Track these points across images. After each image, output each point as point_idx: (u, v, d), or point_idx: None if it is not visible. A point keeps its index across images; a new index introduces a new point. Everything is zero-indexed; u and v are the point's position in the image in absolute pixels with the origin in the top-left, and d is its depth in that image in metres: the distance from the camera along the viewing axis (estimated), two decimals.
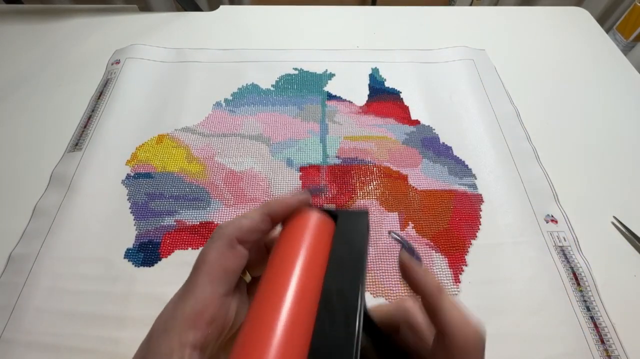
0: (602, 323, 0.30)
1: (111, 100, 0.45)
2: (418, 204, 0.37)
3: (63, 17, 0.57)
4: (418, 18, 0.59)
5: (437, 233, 0.35)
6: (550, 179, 0.39)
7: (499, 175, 0.39)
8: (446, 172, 0.39)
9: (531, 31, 0.58)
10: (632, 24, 0.79)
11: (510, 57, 0.52)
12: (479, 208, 0.37)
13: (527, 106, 0.46)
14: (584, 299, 0.31)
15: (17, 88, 0.47)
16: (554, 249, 0.34)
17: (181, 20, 0.58)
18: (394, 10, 0.60)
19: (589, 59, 0.53)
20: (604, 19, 1.00)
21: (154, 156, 0.40)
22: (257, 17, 0.59)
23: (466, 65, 0.50)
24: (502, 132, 0.43)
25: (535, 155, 0.41)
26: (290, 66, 0.50)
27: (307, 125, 0.43)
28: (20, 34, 0.55)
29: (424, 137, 0.42)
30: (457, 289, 0.32)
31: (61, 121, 0.43)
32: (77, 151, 0.40)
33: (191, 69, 0.49)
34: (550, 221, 0.36)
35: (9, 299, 0.30)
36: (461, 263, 0.33)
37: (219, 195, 0.37)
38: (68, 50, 0.52)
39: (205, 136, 0.42)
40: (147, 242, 0.34)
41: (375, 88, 0.47)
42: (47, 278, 0.31)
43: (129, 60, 0.49)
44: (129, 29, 0.55)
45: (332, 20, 0.58)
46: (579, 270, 0.33)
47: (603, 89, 0.49)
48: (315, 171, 0.39)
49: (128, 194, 0.37)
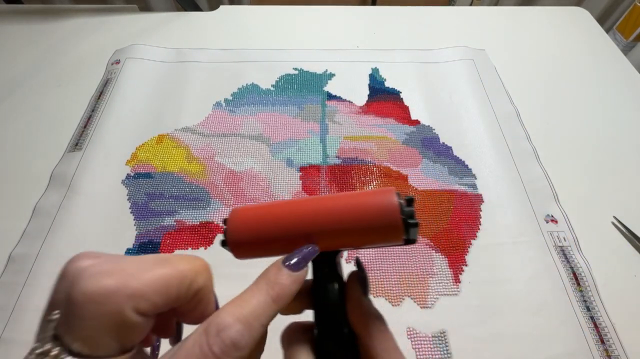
0: (602, 323, 0.30)
1: (111, 100, 0.45)
2: (418, 204, 0.37)
3: (63, 17, 0.57)
4: (418, 18, 0.59)
5: (437, 233, 0.35)
6: (550, 179, 0.39)
7: (499, 175, 0.39)
8: (446, 172, 0.39)
9: (531, 31, 0.58)
10: (632, 24, 0.79)
11: (509, 56, 0.52)
12: (479, 208, 0.37)
13: (526, 106, 0.46)
14: (584, 299, 0.31)
15: (17, 88, 0.47)
16: (554, 249, 0.34)
17: (181, 20, 0.58)
18: (394, 10, 0.60)
19: (589, 59, 0.53)
20: (604, 19, 1.00)
21: (154, 156, 0.40)
22: (257, 17, 0.59)
23: (466, 65, 0.50)
24: (502, 132, 0.43)
25: (535, 155, 0.41)
26: (290, 66, 0.50)
27: (307, 125, 0.43)
28: (20, 34, 0.55)
29: (424, 137, 0.42)
30: (457, 289, 0.32)
31: (61, 120, 0.43)
32: (77, 151, 0.40)
33: (191, 69, 0.49)
34: (550, 221, 0.36)
35: (9, 299, 0.30)
36: (461, 263, 0.33)
37: (219, 195, 0.37)
38: (68, 50, 0.52)
39: (205, 136, 0.42)
40: (147, 242, 0.34)
41: (375, 88, 0.47)
42: (47, 278, 0.31)
43: (129, 60, 0.49)
44: (129, 29, 0.55)
45: (332, 20, 0.58)
46: (579, 270, 0.33)
47: (603, 89, 0.49)
48: (315, 171, 0.39)
49: (128, 194, 0.37)
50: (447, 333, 0.29)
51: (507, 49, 0.54)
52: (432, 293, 0.31)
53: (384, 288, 0.31)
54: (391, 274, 0.32)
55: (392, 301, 0.31)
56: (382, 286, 0.32)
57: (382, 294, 0.31)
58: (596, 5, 0.98)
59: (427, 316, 0.30)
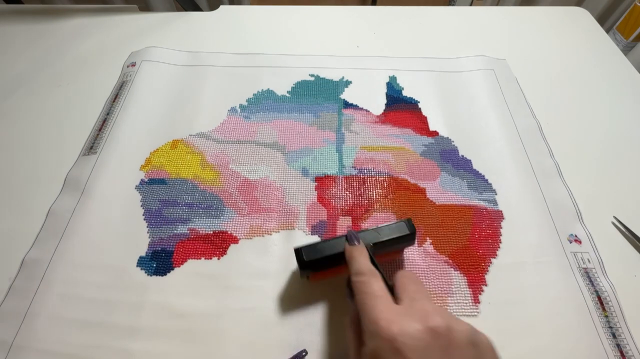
0: (628, 351, 0.29)
1: (127, 103, 0.44)
2: (436, 219, 0.36)
3: (63, 17, 0.57)
4: (418, 18, 0.59)
5: (456, 250, 0.34)
6: (574, 197, 0.37)
7: (520, 190, 0.38)
8: (465, 186, 0.38)
9: (530, 31, 0.57)
10: (632, 24, 0.78)
11: (508, 56, 0.52)
12: (500, 225, 0.35)
13: None
14: (609, 325, 0.30)
15: (17, 89, 0.47)
16: (577, 271, 0.33)
17: (181, 20, 0.58)
18: (394, 10, 0.60)
19: (588, 59, 0.52)
20: (604, 19, 0.98)
21: (168, 161, 0.39)
22: (258, 17, 0.58)
23: (486, 75, 0.49)
24: (524, 146, 0.41)
25: (559, 171, 0.39)
26: (306, 72, 0.49)
27: (323, 134, 0.42)
28: (20, 34, 0.55)
29: (442, 150, 0.41)
30: (476, 310, 0.31)
31: (73, 123, 0.43)
32: (92, 154, 0.40)
33: (206, 73, 0.48)
34: (574, 241, 0.35)
35: (21, 306, 0.30)
36: (481, 283, 0.32)
37: (233, 204, 0.36)
38: (69, 50, 0.52)
39: (220, 142, 0.41)
40: (160, 250, 0.33)
41: (393, 97, 0.46)
42: (60, 284, 0.31)
43: (144, 63, 0.49)
44: (129, 29, 0.56)
45: (331, 20, 0.58)
46: (604, 294, 0.31)
47: (603, 89, 0.48)
48: (331, 182, 0.38)
49: (141, 201, 0.36)
50: None
51: (506, 49, 0.53)
52: (451, 313, 0.30)
53: None
54: None
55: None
56: None
57: None
58: (596, 5, 0.96)
59: None
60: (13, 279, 0.31)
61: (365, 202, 0.37)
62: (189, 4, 0.60)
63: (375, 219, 0.35)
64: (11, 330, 0.29)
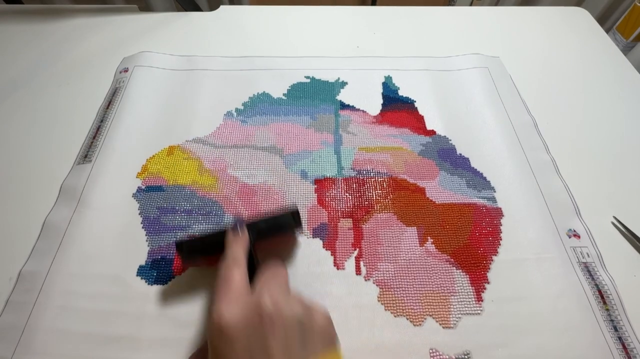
0: (630, 343, 0.29)
1: (120, 110, 0.44)
2: (436, 219, 0.36)
3: (63, 17, 0.56)
4: (418, 18, 0.59)
5: (457, 249, 0.34)
6: (570, 191, 0.38)
7: (518, 187, 0.38)
8: (464, 184, 0.38)
9: (530, 31, 0.57)
10: (632, 24, 0.79)
11: (507, 56, 0.52)
12: (500, 222, 0.36)
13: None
14: (610, 319, 0.30)
15: (16, 89, 0.46)
16: (577, 266, 0.33)
17: (181, 20, 0.57)
18: (394, 10, 0.60)
19: (588, 59, 0.53)
20: (604, 19, 0.99)
21: (165, 168, 0.39)
22: (258, 17, 0.58)
23: (481, 73, 0.49)
24: (520, 142, 0.42)
25: (555, 167, 0.40)
26: (301, 74, 0.49)
27: (321, 136, 0.42)
28: (19, 34, 0.54)
29: (440, 149, 0.41)
30: (480, 308, 0.31)
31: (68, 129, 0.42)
32: (87, 163, 0.39)
33: (201, 78, 0.48)
34: (573, 236, 0.35)
35: (20, 320, 0.29)
36: (483, 281, 0.32)
37: (233, 209, 0.36)
38: (68, 50, 0.52)
39: (217, 147, 0.41)
40: (160, 259, 0.33)
41: (389, 97, 0.46)
42: (58, 296, 0.31)
43: (137, 69, 0.48)
44: (129, 29, 0.55)
45: (331, 20, 0.58)
46: (604, 288, 0.32)
47: (602, 89, 0.49)
48: (330, 184, 0.38)
49: (139, 209, 0.36)
50: (472, 355, 0.29)
51: (505, 49, 0.53)
52: (455, 312, 0.30)
53: (404, 308, 0.30)
54: (412, 292, 0.31)
55: (414, 321, 0.30)
56: (402, 305, 0.31)
57: (402, 314, 0.30)
58: (596, 5, 0.97)
59: (450, 336, 0.29)
60: (10, 293, 0.31)
61: (366, 204, 0.37)
62: (189, 4, 0.60)
63: (376, 220, 0.35)
64: (10, 345, 0.28)
